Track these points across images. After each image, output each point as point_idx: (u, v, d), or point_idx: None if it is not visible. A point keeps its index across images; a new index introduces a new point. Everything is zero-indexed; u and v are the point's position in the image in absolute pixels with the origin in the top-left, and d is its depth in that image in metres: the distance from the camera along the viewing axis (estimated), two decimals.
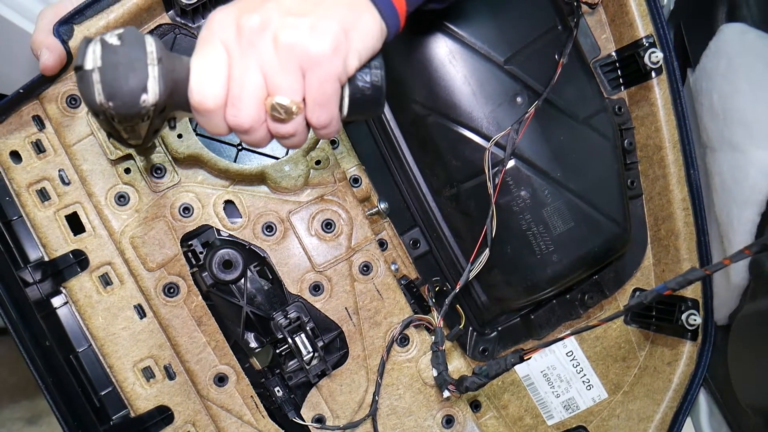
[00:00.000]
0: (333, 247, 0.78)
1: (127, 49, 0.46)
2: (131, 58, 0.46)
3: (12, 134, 0.74)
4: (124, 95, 0.46)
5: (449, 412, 0.81)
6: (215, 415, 0.77)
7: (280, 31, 0.47)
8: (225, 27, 0.49)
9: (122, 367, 0.75)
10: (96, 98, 0.46)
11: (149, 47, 0.47)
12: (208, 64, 0.49)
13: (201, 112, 0.50)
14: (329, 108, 0.51)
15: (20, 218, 0.75)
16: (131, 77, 0.46)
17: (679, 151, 0.83)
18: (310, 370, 0.76)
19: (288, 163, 0.77)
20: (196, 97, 0.49)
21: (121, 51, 0.46)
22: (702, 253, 0.84)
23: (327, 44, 0.48)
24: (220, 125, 0.51)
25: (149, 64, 0.47)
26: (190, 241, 0.77)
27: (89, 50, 0.46)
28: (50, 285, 0.75)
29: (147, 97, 0.47)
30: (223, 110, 0.50)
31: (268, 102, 0.49)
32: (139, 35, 0.48)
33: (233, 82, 0.49)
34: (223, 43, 0.49)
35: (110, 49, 0.46)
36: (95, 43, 0.46)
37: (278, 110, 0.49)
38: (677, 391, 0.87)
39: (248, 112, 0.49)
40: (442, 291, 0.86)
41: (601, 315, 0.88)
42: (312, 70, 0.49)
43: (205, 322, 0.76)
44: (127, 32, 0.47)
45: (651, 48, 0.81)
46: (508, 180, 0.74)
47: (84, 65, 0.46)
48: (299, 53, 0.48)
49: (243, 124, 0.50)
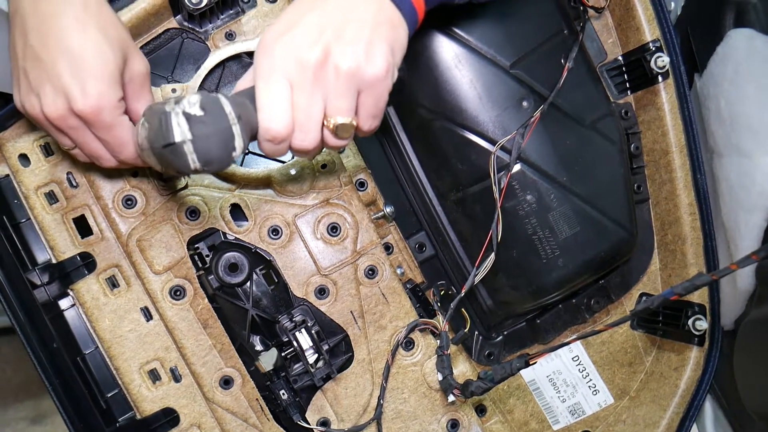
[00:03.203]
0: (338, 250, 0.78)
1: (211, 117, 0.50)
2: (219, 126, 0.50)
3: (21, 137, 0.74)
4: (221, 159, 0.51)
5: (454, 416, 0.80)
6: (220, 418, 0.77)
7: (341, 61, 0.52)
8: (287, 61, 0.52)
9: (128, 369, 0.76)
10: (191, 166, 0.50)
11: (227, 108, 0.50)
12: (276, 99, 0.52)
13: (271, 142, 0.54)
14: (380, 117, 0.57)
15: (28, 221, 0.75)
16: (223, 143, 0.50)
17: (686, 155, 0.83)
18: (315, 374, 0.76)
19: (294, 167, 0.77)
20: (270, 131, 0.53)
21: (207, 120, 0.49)
22: (709, 258, 0.84)
23: (382, 67, 0.53)
24: (283, 149, 0.55)
25: (233, 125, 0.50)
26: (196, 244, 0.77)
27: (173, 124, 0.49)
28: (58, 287, 0.75)
29: (236, 153, 0.51)
30: (290, 137, 0.54)
31: (332, 123, 0.55)
32: (214, 98, 0.50)
33: (299, 111, 0.53)
34: (286, 76, 0.52)
35: (196, 120, 0.49)
36: (177, 116, 0.49)
37: (342, 130, 0.55)
38: (684, 397, 0.86)
39: (314, 135, 0.54)
40: (448, 295, 0.85)
41: (607, 320, 0.88)
42: (368, 91, 0.54)
43: (211, 325, 0.77)
44: (205, 99, 0.50)
45: (657, 52, 0.81)
46: (514, 184, 0.74)
47: (174, 139, 0.49)
48: (358, 78, 0.53)
49: (309, 147, 0.55)
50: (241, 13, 0.76)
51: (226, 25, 0.76)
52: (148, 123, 0.51)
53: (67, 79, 0.53)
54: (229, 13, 0.77)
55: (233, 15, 0.76)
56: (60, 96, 0.54)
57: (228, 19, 0.76)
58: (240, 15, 0.76)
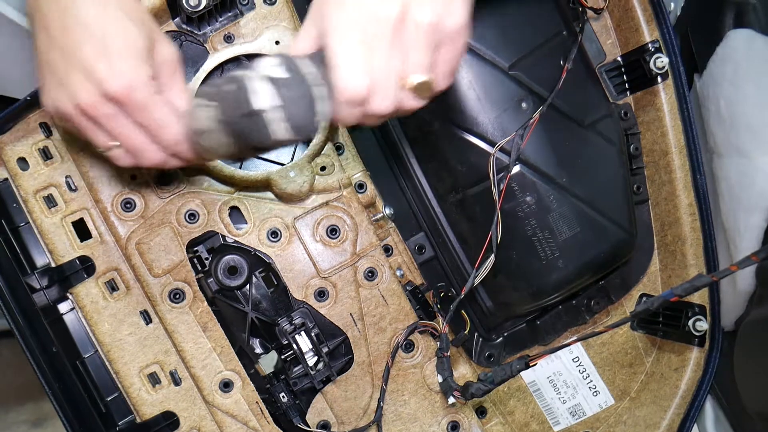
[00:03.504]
0: (338, 253, 0.78)
1: (297, 80, 0.46)
2: (305, 90, 0.46)
3: (19, 141, 0.74)
4: (310, 125, 0.47)
5: (455, 418, 0.80)
6: (220, 421, 0.77)
7: (421, 15, 0.48)
8: (363, 16, 0.48)
9: (128, 373, 0.76)
10: (279, 135, 0.46)
11: (307, 68, 0.46)
12: (353, 57, 0.48)
13: (350, 104, 0.50)
14: (453, 74, 0.53)
15: (27, 224, 0.75)
16: (311, 107, 0.46)
17: (686, 156, 0.83)
18: (315, 376, 0.76)
19: (293, 169, 0.77)
20: (349, 91, 0.49)
21: (293, 84, 0.45)
22: (709, 258, 0.84)
23: (462, 18, 0.49)
24: (359, 114, 0.51)
25: (319, 86, 0.46)
26: (195, 247, 0.77)
27: (259, 89, 0.44)
28: (57, 291, 0.75)
29: (322, 117, 0.47)
30: (369, 99, 0.50)
31: (410, 82, 0.50)
32: (293, 59, 0.46)
33: (378, 71, 0.49)
34: (362, 33, 0.48)
35: (283, 83, 0.45)
36: (262, 81, 0.45)
37: (421, 89, 0.50)
38: (684, 398, 0.86)
39: (393, 96, 0.50)
40: (448, 297, 0.85)
41: (607, 321, 0.88)
42: (448, 46, 0.50)
43: (211, 328, 0.77)
44: (286, 60, 0.46)
45: (656, 53, 0.81)
46: (513, 185, 0.74)
47: (258, 106, 0.44)
48: (439, 32, 0.49)
49: (387, 110, 0.51)
50: (240, 15, 0.76)
51: (225, 28, 0.76)
52: (218, 97, 0.47)
53: (93, 62, 0.51)
54: (227, 16, 0.76)
55: (232, 17, 0.76)
56: (89, 81, 0.51)
57: (226, 22, 0.76)
58: (238, 17, 0.76)
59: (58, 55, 0.51)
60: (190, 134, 0.53)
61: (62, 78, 0.52)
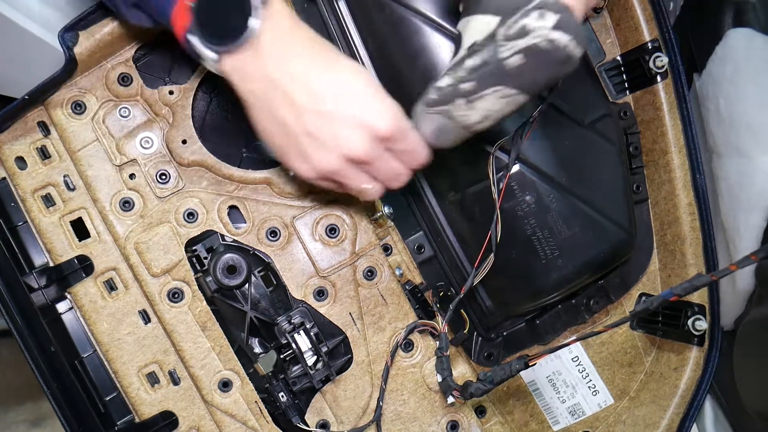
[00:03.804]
0: (337, 252, 0.78)
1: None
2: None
3: (17, 140, 0.74)
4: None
5: (454, 417, 0.80)
6: (219, 421, 0.77)
7: None
8: None
9: (127, 373, 0.75)
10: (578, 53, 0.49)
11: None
12: None
13: None
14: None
15: (25, 224, 0.75)
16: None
17: (685, 155, 0.83)
18: (314, 376, 0.76)
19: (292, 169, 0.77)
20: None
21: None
22: (708, 258, 0.84)
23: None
24: None
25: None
26: (194, 246, 0.77)
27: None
28: (55, 290, 0.75)
29: None
30: None
31: None
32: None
33: None
34: None
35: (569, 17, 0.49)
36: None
37: None
38: (684, 397, 0.86)
39: None
40: (447, 296, 0.85)
41: (606, 320, 0.88)
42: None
43: (210, 328, 0.76)
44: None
45: (656, 52, 0.81)
46: (513, 185, 0.74)
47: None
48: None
49: None
50: None
51: None
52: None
53: (362, 113, 0.56)
54: None
55: None
56: (361, 130, 0.56)
57: None
58: None
59: (319, 121, 0.56)
60: (432, 144, 0.59)
61: (327, 139, 0.57)
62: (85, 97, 0.74)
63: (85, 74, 0.74)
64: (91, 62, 0.73)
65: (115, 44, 0.73)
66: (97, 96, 0.75)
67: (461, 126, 0.57)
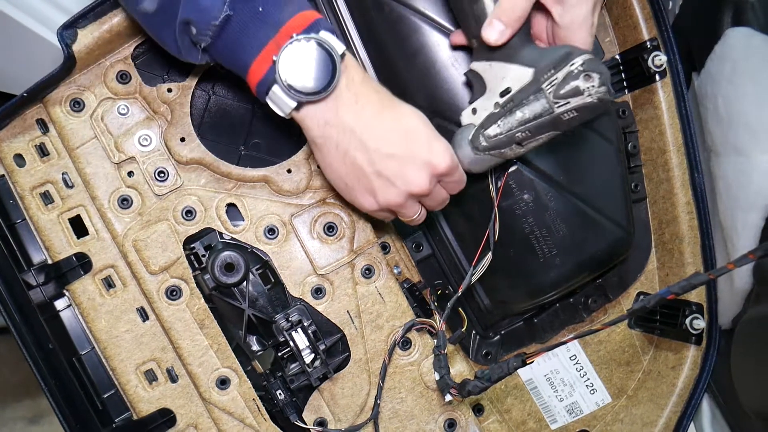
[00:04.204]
0: (335, 250, 0.78)
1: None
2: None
3: (16, 137, 0.74)
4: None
5: (451, 415, 0.80)
6: (217, 418, 0.77)
7: None
8: None
9: (125, 370, 0.75)
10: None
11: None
12: None
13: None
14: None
15: (24, 221, 0.75)
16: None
17: (683, 154, 0.83)
18: (311, 373, 0.76)
19: (290, 167, 0.77)
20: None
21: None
22: (706, 257, 0.84)
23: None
24: None
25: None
26: (192, 244, 0.77)
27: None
28: (53, 288, 0.75)
29: None
30: None
31: None
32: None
33: None
34: None
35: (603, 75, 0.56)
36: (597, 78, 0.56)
37: None
38: (681, 396, 0.86)
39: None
40: (445, 294, 0.85)
41: (604, 319, 0.88)
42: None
43: (208, 325, 0.76)
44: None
45: (655, 51, 0.81)
46: (511, 183, 0.74)
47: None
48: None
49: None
50: None
51: None
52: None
53: (425, 153, 0.62)
54: None
55: None
56: (424, 169, 0.63)
57: None
58: None
59: (389, 163, 0.62)
60: (468, 172, 0.68)
61: (396, 178, 0.63)
62: (84, 95, 0.75)
63: (84, 72, 0.74)
64: (89, 60, 0.73)
65: (114, 42, 0.73)
66: (96, 93, 0.75)
67: (506, 158, 0.65)
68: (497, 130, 0.62)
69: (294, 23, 0.58)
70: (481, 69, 0.65)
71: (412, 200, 0.66)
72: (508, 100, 0.61)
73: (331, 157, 0.64)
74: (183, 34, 0.60)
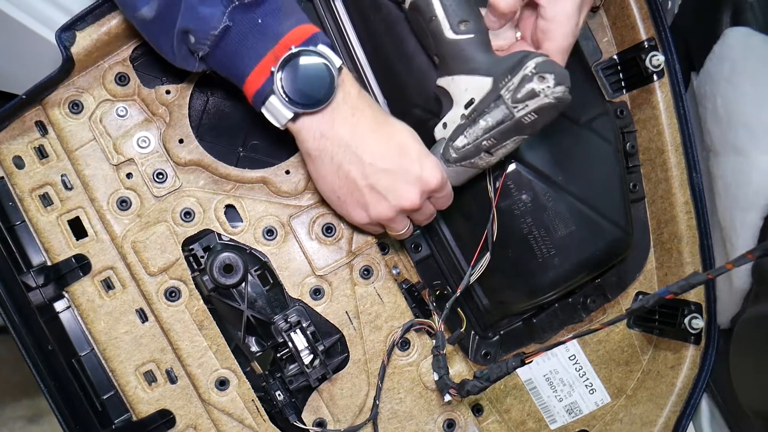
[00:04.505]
0: (333, 251, 0.78)
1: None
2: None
3: (15, 139, 0.74)
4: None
5: (451, 416, 0.80)
6: (216, 419, 0.77)
7: None
8: None
9: (124, 371, 0.76)
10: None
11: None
12: None
13: None
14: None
15: (23, 223, 0.75)
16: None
17: (682, 154, 0.83)
18: (310, 374, 0.76)
19: (289, 167, 0.77)
20: None
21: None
22: (705, 256, 0.84)
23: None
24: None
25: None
26: (191, 245, 0.77)
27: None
28: (53, 289, 0.75)
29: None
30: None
31: None
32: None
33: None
34: None
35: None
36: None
37: None
38: (680, 395, 0.86)
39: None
40: (444, 295, 0.85)
41: (603, 319, 0.88)
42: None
43: (207, 326, 0.77)
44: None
45: (652, 51, 0.81)
46: (509, 184, 0.74)
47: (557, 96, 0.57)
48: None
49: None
50: None
51: None
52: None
53: (417, 170, 0.63)
54: None
55: None
56: (416, 185, 0.64)
57: None
58: None
59: (382, 178, 0.63)
60: (454, 185, 0.69)
61: (388, 193, 0.64)
62: (83, 97, 0.75)
63: (83, 74, 0.75)
64: (88, 62, 0.73)
65: (112, 44, 0.73)
66: (95, 95, 0.75)
67: (480, 168, 0.66)
68: (464, 141, 0.63)
69: (293, 36, 0.59)
70: (446, 83, 0.66)
71: (401, 215, 0.67)
72: (472, 111, 0.62)
73: (325, 170, 0.65)
74: (181, 43, 0.60)
